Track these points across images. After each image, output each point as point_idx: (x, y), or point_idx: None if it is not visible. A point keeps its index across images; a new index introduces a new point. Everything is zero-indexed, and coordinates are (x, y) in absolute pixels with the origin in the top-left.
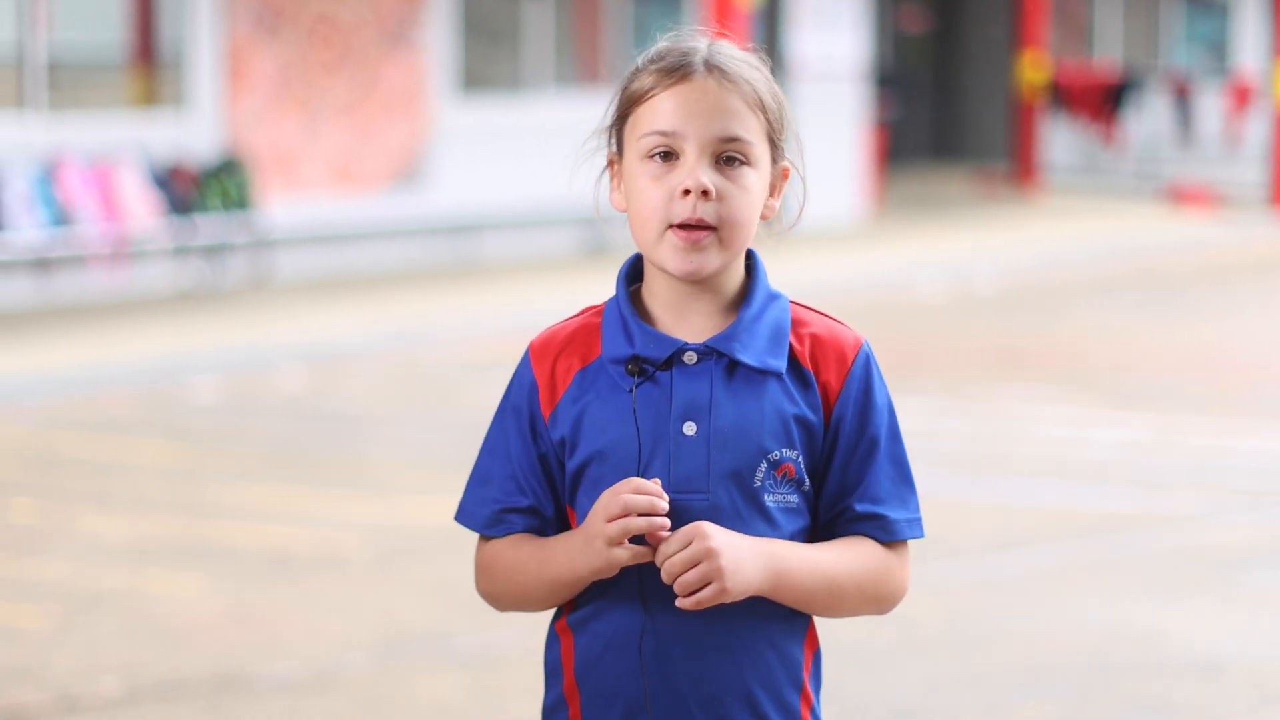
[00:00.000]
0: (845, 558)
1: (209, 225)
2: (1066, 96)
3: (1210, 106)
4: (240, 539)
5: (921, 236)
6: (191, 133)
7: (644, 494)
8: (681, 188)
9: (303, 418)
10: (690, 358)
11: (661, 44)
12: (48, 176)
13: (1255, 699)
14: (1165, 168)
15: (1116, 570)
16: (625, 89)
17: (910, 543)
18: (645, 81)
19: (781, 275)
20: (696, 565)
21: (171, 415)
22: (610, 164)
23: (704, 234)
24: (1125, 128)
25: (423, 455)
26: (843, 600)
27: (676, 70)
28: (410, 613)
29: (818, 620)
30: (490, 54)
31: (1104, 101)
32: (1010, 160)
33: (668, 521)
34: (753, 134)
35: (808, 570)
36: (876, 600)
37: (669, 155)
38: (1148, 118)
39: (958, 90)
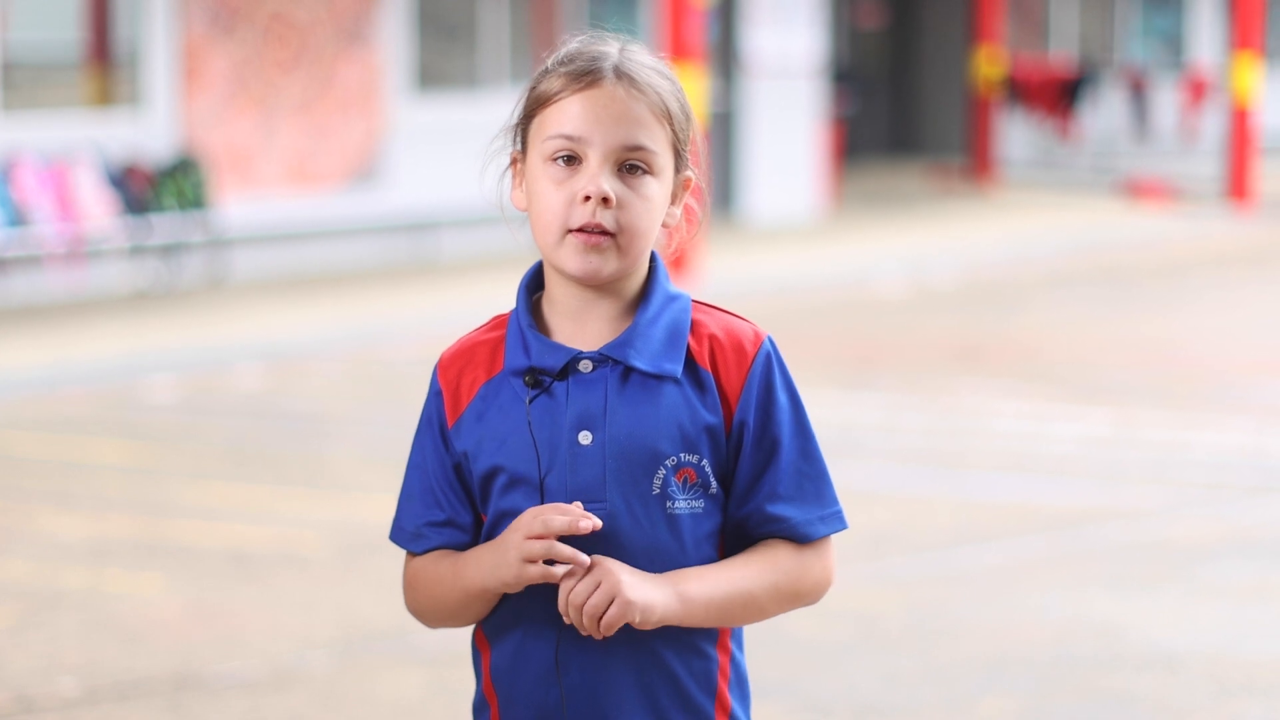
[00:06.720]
0: (755, 566)
1: (165, 225)
2: (1023, 91)
3: (1166, 101)
4: (199, 538)
5: (879, 232)
6: (147, 132)
7: (566, 516)
8: (582, 194)
9: (261, 416)
10: (585, 366)
11: (572, 45)
12: (3, 176)
13: (1215, 691)
14: (1121, 162)
15: (1076, 564)
16: (533, 89)
17: (833, 537)
18: (553, 84)
19: (738, 272)
20: (597, 589)
21: (129, 414)
22: (513, 162)
23: (602, 238)
24: (1081, 122)
25: (381, 453)
26: (761, 608)
27: (586, 75)
28: (370, 610)
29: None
30: (446, 51)
31: (1060, 96)
32: (967, 155)
33: (587, 559)
34: (657, 143)
35: (711, 585)
36: (797, 598)
37: (572, 159)
38: (1104, 112)
39: (914, 85)
